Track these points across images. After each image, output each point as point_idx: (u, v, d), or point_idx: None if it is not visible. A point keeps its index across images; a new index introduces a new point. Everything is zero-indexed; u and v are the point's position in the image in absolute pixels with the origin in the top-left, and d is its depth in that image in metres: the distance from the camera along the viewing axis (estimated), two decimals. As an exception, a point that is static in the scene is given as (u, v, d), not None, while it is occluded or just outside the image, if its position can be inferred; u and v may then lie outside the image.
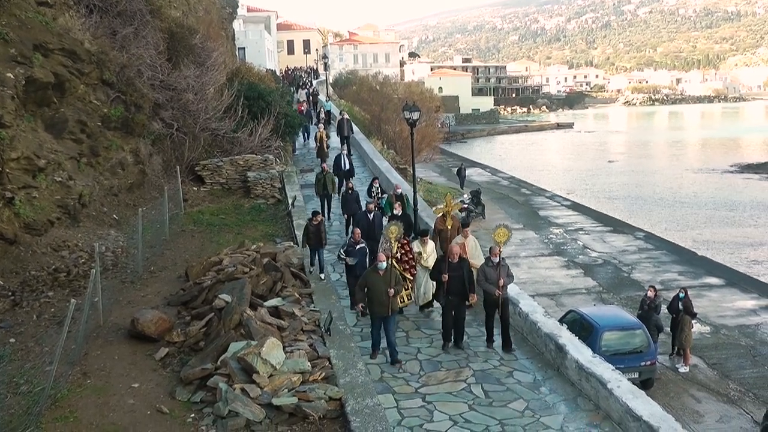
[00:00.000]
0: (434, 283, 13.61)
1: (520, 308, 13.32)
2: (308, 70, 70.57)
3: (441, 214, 16.25)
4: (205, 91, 25.88)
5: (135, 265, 15.51)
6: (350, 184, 20.16)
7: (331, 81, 60.56)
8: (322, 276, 15.86)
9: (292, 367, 10.68)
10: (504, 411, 10.53)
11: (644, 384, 15.01)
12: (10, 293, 12.91)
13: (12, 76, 14.72)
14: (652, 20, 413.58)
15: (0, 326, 11.74)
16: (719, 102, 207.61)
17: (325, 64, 57.37)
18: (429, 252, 14.53)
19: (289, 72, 62.23)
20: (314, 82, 59.58)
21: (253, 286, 13.42)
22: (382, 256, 12.19)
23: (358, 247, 14.59)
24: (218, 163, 24.43)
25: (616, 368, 11.07)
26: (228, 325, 11.83)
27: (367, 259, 14.62)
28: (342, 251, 14.73)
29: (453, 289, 12.50)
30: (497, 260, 12.54)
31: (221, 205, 22.65)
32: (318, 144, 28.72)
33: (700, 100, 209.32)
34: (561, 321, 15.17)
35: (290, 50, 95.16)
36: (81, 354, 11.10)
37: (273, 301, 13.39)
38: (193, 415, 9.89)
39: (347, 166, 23.88)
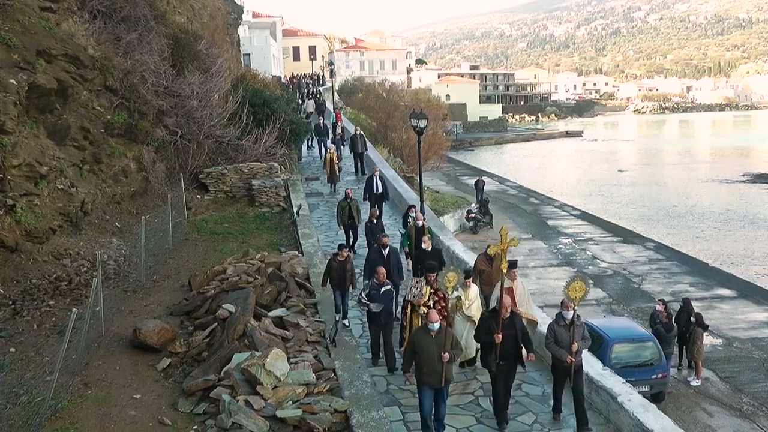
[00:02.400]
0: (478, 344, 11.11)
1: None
2: (313, 76, 70.29)
3: (486, 253, 13.71)
4: (209, 97, 25.86)
5: (137, 274, 15.41)
6: (376, 213, 18.01)
7: (337, 88, 60.42)
8: (346, 322, 13.44)
9: (297, 379, 10.61)
10: (512, 424, 10.42)
11: (655, 397, 14.73)
12: (10, 302, 12.84)
13: (15, 82, 14.62)
14: (663, 27, 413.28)
15: (0, 335, 11.63)
16: (730, 110, 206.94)
17: (331, 70, 57.26)
18: (472, 298, 12.12)
19: (294, 79, 62.07)
20: (321, 89, 59.25)
21: (257, 295, 13.38)
22: (434, 314, 9.80)
23: (383, 289, 12.10)
24: (222, 170, 24.32)
25: (626, 381, 10.94)
26: (231, 335, 11.77)
27: (394, 304, 12.45)
28: (363, 295, 12.25)
29: (505, 352, 10.15)
30: (570, 316, 10.15)
31: (225, 213, 22.54)
32: (329, 167, 26.28)
33: (711, 108, 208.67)
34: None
35: (296, 56, 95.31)
36: (82, 364, 11.02)
37: (277, 312, 13.33)
38: (195, 427, 9.82)
39: (380, 189, 21.64)
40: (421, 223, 16.23)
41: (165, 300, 14.63)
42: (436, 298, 11.57)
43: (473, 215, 35.53)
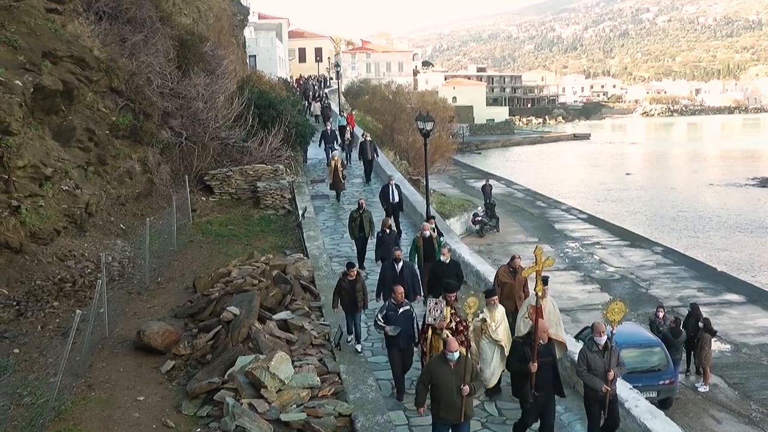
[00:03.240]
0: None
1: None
2: (319, 78, 70.05)
3: (509, 264, 12.99)
4: (214, 99, 25.76)
5: (142, 276, 15.41)
6: (389, 222, 16.71)
7: (343, 90, 60.14)
8: (359, 348, 12.57)
9: (301, 382, 10.58)
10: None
11: (663, 403, 14.58)
12: (15, 303, 12.87)
13: (20, 84, 14.64)
14: (671, 29, 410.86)
15: (4, 336, 11.71)
16: (739, 113, 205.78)
17: (337, 72, 56.88)
18: (499, 319, 11.05)
19: (300, 81, 61.88)
20: (326, 91, 59.01)
21: (261, 298, 13.33)
22: (454, 343, 8.82)
23: (401, 310, 11.11)
24: (227, 172, 24.18)
25: (633, 387, 10.80)
26: (236, 338, 11.75)
27: (414, 326, 11.29)
28: (380, 317, 11.26)
29: (540, 382, 9.26)
30: (604, 342, 9.33)
31: (230, 215, 22.48)
32: (333, 175, 24.84)
33: (719, 111, 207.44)
34: (577, 337, 14.78)
35: (302, 58, 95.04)
36: (86, 366, 11.02)
37: (282, 315, 13.29)
38: (199, 429, 9.83)
39: (396, 199, 20.47)
40: (428, 233, 15.28)
41: (169, 302, 14.63)
42: (458, 319, 10.63)
43: (480, 218, 35.41)
